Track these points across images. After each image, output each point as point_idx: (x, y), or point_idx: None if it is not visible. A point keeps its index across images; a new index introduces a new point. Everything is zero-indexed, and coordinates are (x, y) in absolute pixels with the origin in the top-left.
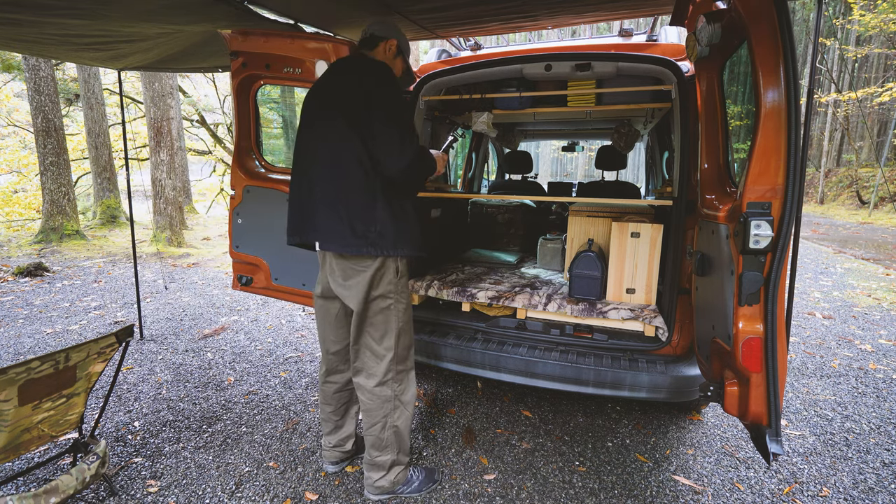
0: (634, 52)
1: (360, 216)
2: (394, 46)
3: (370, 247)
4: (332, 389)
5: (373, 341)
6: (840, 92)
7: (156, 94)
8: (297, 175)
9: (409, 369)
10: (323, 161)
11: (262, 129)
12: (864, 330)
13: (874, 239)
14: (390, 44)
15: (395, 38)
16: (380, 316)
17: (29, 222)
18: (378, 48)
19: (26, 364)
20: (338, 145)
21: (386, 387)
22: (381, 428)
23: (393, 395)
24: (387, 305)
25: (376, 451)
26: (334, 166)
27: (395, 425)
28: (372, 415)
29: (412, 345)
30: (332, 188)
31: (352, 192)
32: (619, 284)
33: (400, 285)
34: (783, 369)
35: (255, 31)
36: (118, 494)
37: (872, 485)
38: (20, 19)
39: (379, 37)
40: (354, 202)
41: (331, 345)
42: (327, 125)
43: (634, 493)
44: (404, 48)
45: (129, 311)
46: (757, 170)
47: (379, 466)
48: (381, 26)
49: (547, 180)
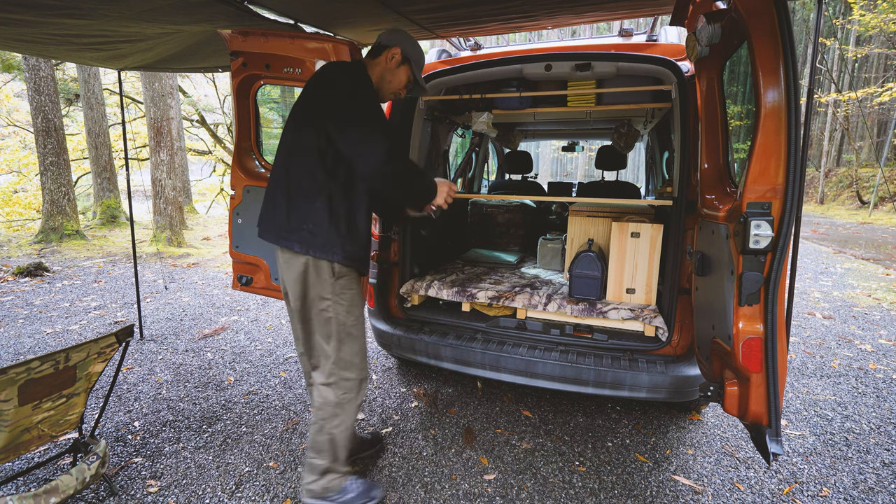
0: (634, 52)
1: (300, 211)
2: (398, 55)
3: (298, 243)
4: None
5: (321, 339)
6: (840, 92)
7: (156, 94)
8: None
9: (356, 378)
10: (288, 154)
11: (262, 129)
12: (864, 330)
13: (874, 239)
14: (393, 52)
15: (399, 46)
16: (320, 317)
17: (29, 222)
18: (380, 57)
19: (26, 364)
20: (302, 142)
21: (329, 389)
22: (318, 430)
23: (335, 401)
24: (324, 307)
25: (312, 453)
26: (294, 160)
27: (331, 432)
28: (315, 414)
29: (362, 353)
30: (284, 180)
31: (301, 186)
32: (619, 284)
33: (338, 287)
34: (783, 369)
35: (255, 31)
36: (118, 494)
37: (872, 485)
38: (20, 19)
39: (383, 45)
40: (299, 196)
41: (298, 344)
42: (300, 122)
43: (634, 493)
44: (412, 56)
45: (129, 311)
46: (757, 170)
47: (313, 469)
48: (387, 34)
49: (547, 180)
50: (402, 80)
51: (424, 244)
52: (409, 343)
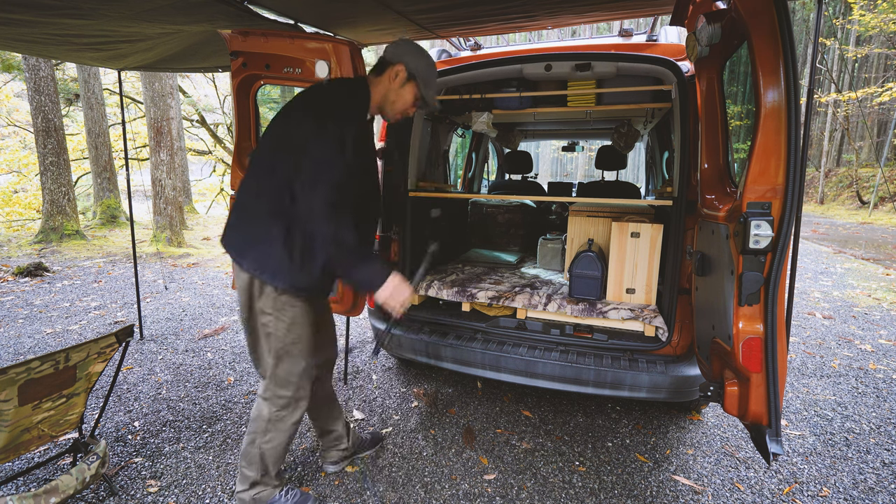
0: (634, 52)
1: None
2: (402, 73)
3: (247, 261)
4: None
5: (265, 353)
6: (840, 92)
7: (156, 94)
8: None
9: (293, 399)
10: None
11: (262, 129)
12: (864, 330)
13: (874, 239)
14: (397, 69)
15: (403, 63)
16: (262, 331)
17: (29, 222)
18: (384, 75)
19: (26, 364)
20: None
21: (265, 404)
22: (250, 442)
23: (267, 417)
24: (265, 322)
25: (244, 462)
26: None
27: (261, 447)
28: (250, 425)
29: (302, 373)
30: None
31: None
32: (619, 284)
33: (279, 303)
34: (783, 369)
35: (255, 31)
36: (118, 494)
37: (872, 485)
38: (20, 19)
39: (386, 62)
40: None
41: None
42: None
43: (634, 493)
44: (418, 73)
45: (129, 311)
46: (757, 170)
47: (243, 479)
48: (392, 48)
49: (547, 180)
50: (409, 100)
51: (424, 244)
52: (409, 343)
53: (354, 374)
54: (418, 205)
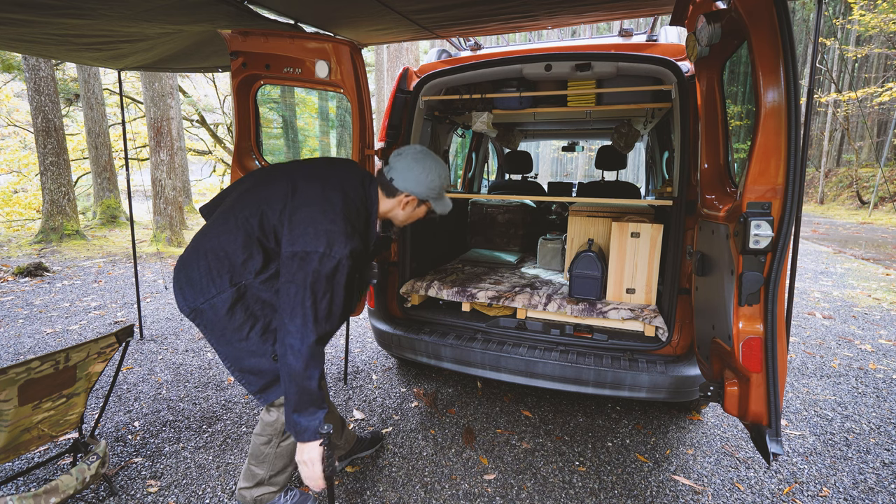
0: (634, 52)
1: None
2: (413, 201)
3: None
4: None
5: None
6: (840, 92)
7: (156, 94)
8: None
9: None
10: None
11: (262, 129)
12: (864, 330)
13: (874, 239)
14: (408, 199)
15: (413, 195)
16: None
17: (29, 222)
18: (394, 200)
19: (26, 364)
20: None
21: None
22: (265, 443)
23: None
24: None
25: (254, 461)
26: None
27: (280, 445)
28: (264, 428)
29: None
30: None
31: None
32: (619, 284)
33: None
34: (783, 369)
35: (255, 31)
36: (118, 494)
37: (872, 485)
38: (20, 19)
39: (395, 188)
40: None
41: None
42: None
43: (634, 493)
44: (428, 196)
45: (129, 311)
46: (757, 170)
47: (250, 476)
48: (402, 172)
49: (547, 180)
50: (422, 214)
51: (424, 244)
52: (409, 343)
53: (354, 374)
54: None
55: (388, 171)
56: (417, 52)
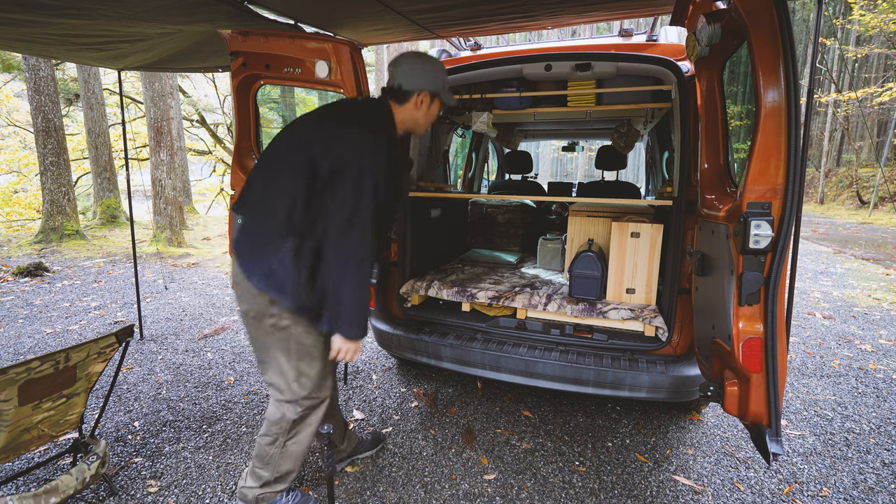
0: (634, 52)
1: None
2: (426, 98)
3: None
4: None
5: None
6: (840, 92)
7: (156, 94)
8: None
9: (318, 398)
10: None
11: (262, 129)
12: (864, 330)
13: (874, 239)
14: (421, 98)
15: (425, 90)
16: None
17: (29, 222)
18: (408, 104)
19: (26, 364)
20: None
21: (287, 406)
22: (270, 443)
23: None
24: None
25: (258, 462)
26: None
27: (286, 446)
28: (270, 427)
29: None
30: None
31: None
32: (619, 284)
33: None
34: (783, 369)
35: (255, 31)
36: (118, 494)
37: (872, 485)
38: (20, 19)
39: (406, 91)
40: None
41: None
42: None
43: (634, 493)
44: (439, 90)
45: (129, 311)
46: (757, 170)
47: (254, 476)
48: (406, 75)
49: (547, 180)
50: (436, 113)
51: (424, 244)
52: (409, 343)
53: (354, 374)
54: (418, 205)
55: (394, 81)
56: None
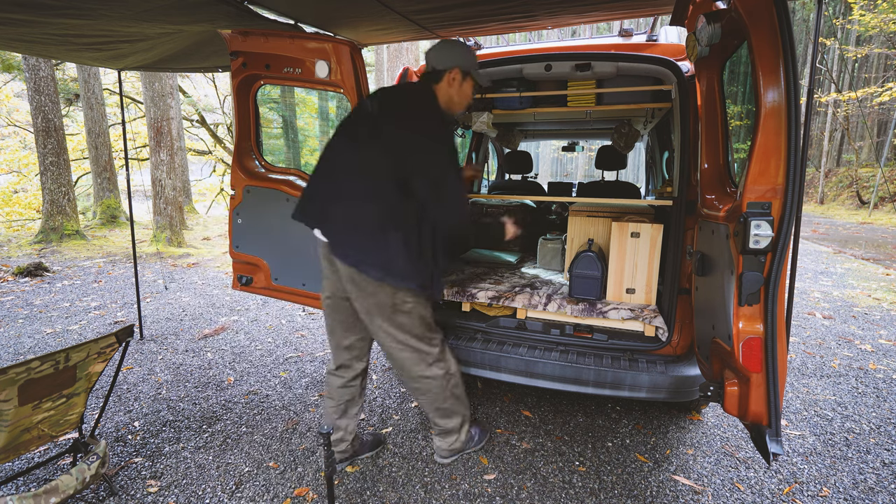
0: (634, 52)
1: (381, 239)
2: (457, 76)
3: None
4: (337, 383)
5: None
6: (840, 92)
7: (156, 94)
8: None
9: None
10: (363, 173)
11: (262, 129)
12: (864, 330)
13: (874, 239)
14: (453, 75)
15: (456, 66)
16: (407, 316)
17: (29, 222)
18: (442, 82)
19: (26, 364)
20: (382, 166)
21: (434, 367)
22: (442, 400)
23: (442, 373)
24: (408, 309)
25: (443, 419)
26: (378, 185)
27: (453, 392)
28: (427, 396)
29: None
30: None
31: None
32: (619, 284)
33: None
34: (783, 369)
35: (255, 31)
36: (118, 494)
37: (872, 485)
38: (20, 19)
39: (439, 70)
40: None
41: (342, 339)
42: (380, 144)
43: (634, 493)
44: (470, 68)
45: (129, 311)
46: (757, 170)
47: (448, 432)
48: (438, 56)
49: (547, 180)
50: (470, 92)
51: None
52: None
53: None
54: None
55: (428, 64)
56: (417, 52)
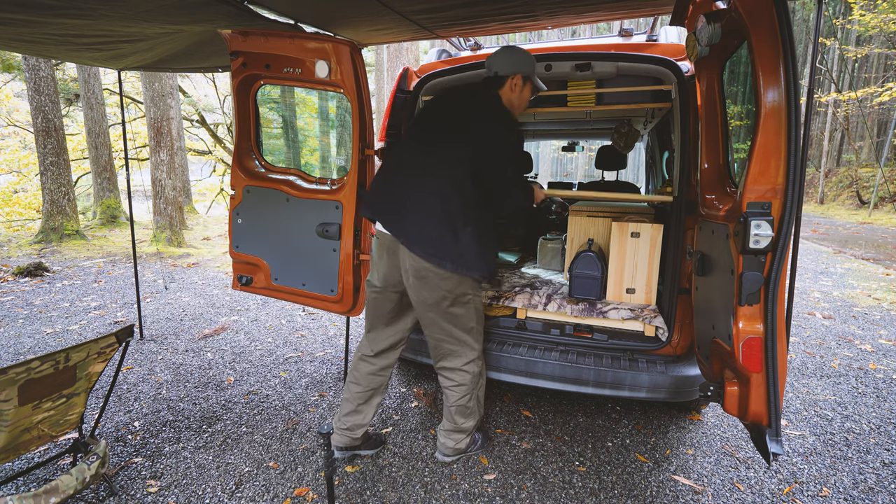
0: (634, 52)
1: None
2: (519, 81)
3: (444, 260)
4: (368, 370)
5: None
6: (840, 92)
7: (156, 94)
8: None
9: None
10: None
11: (262, 129)
12: (864, 330)
13: (874, 239)
14: (515, 81)
15: (519, 73)
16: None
17: (29, 222)
18: (505, 87)
19: (26, 364)
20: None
21: (473, 364)
22: (468, 399)
23: (477, 371)
24: (466, 301)
25: (461, 419)
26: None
27: (478, 395)
28: (456, 391)
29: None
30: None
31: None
32: (619, 284)
33: (476, 284)
34: (783, 369)
35: (255, 31)
36: (118, 494)
37: (872, 485)
38: (20, 19)
39: (502, 76)
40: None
41: (383, 331)
42: (448, 146)
43: (634, 493)
44: (530, 73)
45: (129, 311)
46: (757, 170)
47: (460, 431)
48: (499, 62)
49: (547, 180)
50: (528, 96)
51: None
52: (409, 343)
53: None
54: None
55: (490, 70)
56: (417, 52)
